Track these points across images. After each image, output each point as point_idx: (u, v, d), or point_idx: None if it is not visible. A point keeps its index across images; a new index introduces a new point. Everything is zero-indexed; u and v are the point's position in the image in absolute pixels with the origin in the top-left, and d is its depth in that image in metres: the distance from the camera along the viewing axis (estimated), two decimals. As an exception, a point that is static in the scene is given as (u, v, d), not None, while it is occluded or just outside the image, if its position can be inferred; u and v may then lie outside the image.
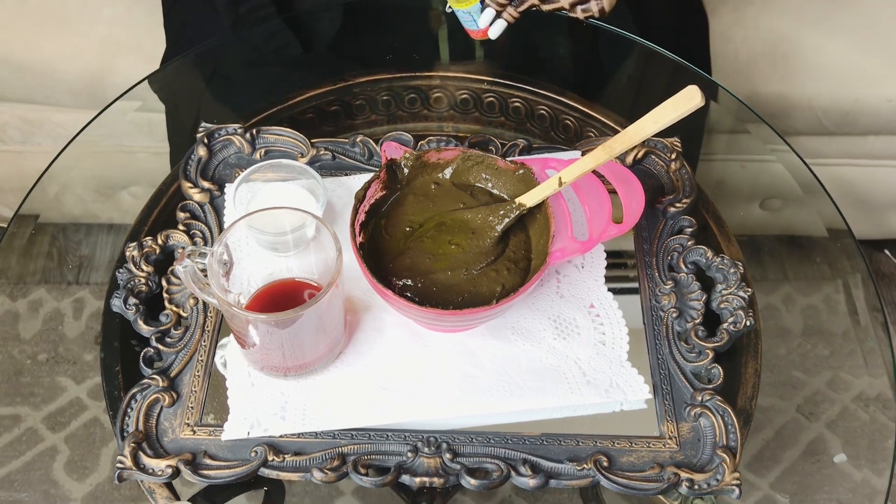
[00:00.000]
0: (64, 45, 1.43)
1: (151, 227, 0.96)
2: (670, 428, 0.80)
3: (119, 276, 0.88)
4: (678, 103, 0.74)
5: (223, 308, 0.74)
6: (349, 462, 0.77)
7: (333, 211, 0.94)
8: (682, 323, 0.87)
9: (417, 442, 0.78)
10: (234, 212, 0.90)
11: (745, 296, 0.87)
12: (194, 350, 0.84)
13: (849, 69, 1.42)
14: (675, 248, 0.92)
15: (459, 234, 0.83)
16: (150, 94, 1.17)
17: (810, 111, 1.43)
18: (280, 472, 0.77)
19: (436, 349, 0.84)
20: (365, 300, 0.86)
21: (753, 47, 1.44)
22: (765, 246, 1.06)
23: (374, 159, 0.99)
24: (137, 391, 0.80)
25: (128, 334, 0.87)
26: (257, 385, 0.81)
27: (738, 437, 0.78)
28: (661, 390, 0.83)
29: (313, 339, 0.78)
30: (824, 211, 1.02)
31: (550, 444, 0.79)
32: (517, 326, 0.85)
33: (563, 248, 0.79)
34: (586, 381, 0.82)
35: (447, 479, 0.77)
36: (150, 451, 0.77)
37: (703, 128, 1.17)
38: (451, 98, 1.12)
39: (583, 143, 1.01)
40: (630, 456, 0.79)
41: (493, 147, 0.99)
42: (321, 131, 1.02)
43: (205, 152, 0.97)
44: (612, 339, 0.85)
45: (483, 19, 0.98)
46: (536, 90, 1.11)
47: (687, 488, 0.76)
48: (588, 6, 0.96)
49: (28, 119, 1.53)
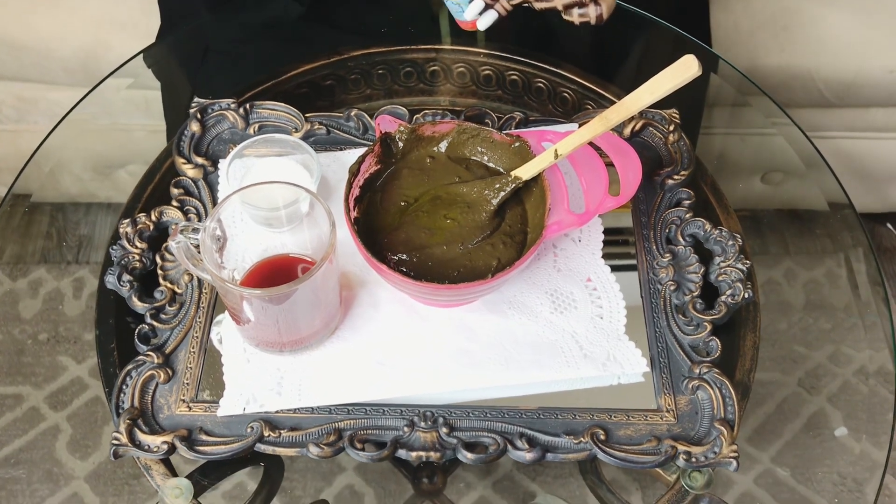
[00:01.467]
0: (58, 23, 1.42)
1: (146, 203, 0.95)
2: (668, 401, 0.80)
3: (113, 252, 0.87)
4: (675, 73, 0.73)
5: (217, 284, 0.73)
6: (345, 437, 0.76)
7: (328, 186, 0.93)
8: (680, 296, 0.86)
9: (414, 416, 0.78)
10: (227, 187, 0.89)
11: (744, 268, 0.86)
12: (189, 326, 0.84)
13: (851, 40, 1.41)
14: (673, 221, 0.91)
15: (455, 208, 0.83)
16: (144, 70, 1.17)
17: (811, 83, 1.42)
18: (276, 448, 0.76)
19: (432, 324, 0.83)
20: (360, 275, 0.86)
21: (754, 18, 1.42)
22: (766, 220, 1.06)
23: (369, 134, 0.98)
24: (132, 368, 0.80)
25: (123, 311, 0.86)
26: (253, 361, 0.81)
27: (735, 410, 0.78)
28: (658, 363, 0.82)
29: (308, 314, 0.78)
30: (825, 184, 1.02)
31: (547, 417, 0.79)
32: (514, 301, 0.85)
33: (559, 221, 0.79)
34: (583, 354, 0.81)
35: (444, 454, 0.76)
36: (145, 428, 0.77)
37: (702, 101, 1.16)
38: (447, 71, 1.11)
39: (580, 115, 1.00)
40: (627, 429, 0.78)
41: (489, 120, 0.98)
42: (315, 106, 1.01)
43: (198, 128, 0.97)
44: (610, 313, 0.84)
45: (470, 10, 0.94)
46: (534, 63, 1.10)
47: (684, 461, 0.76)
48: (585, 11, 0.92)
49: (23, 97, 1.52)
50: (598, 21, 0.92)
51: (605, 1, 0.92)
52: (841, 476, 0.86)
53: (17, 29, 1.41)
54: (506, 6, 0.92)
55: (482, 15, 0.94)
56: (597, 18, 0.92)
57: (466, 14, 0.94)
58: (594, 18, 0.92)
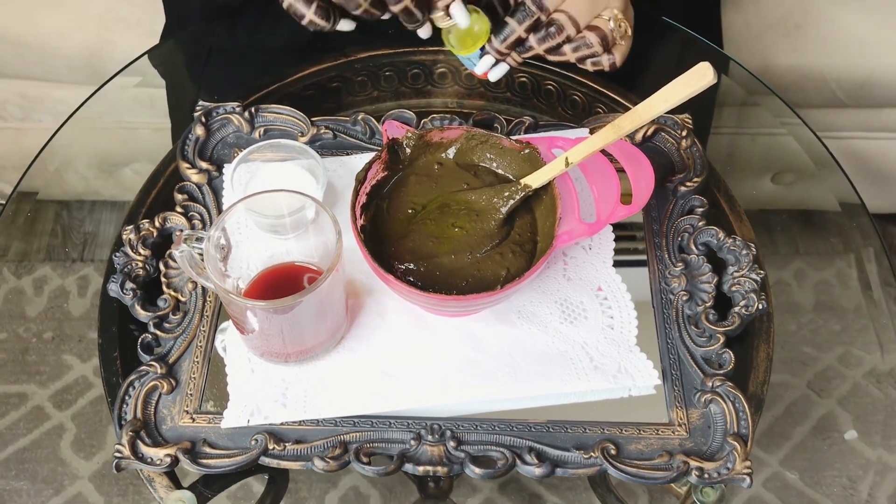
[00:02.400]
0: (62, 20, 1.41)
1: (149, 208, 0.94)
2: (680, 415, 0.79)
3: (116, 259, 0.86)
4: (689, 81, 0.72)
5: (220, 294, 0.72)
6: (351, 451, 0.75)
7: (335, 191, 0.92)
8: (693, 306, 0.85)
9: (421, 429, 0.77)
10: (232, 193, 0.88)
11: (758, 278, 0.85)
12: (193, 336, 0.82)
13: (864, 40, 1.39)
14: (686, 229, 0.89)
15: (463, 217, 0.81)
16: (150, 69, 1.16)
17: (824, 83, 1.41)
18: (281, 461, 0.75)
19: (440, 334, 0.82)
20: (367, 284, 0.84)
21: (766, 17, 1.41)
22: (776, 221, 1.04)
23: (376, 138, 0.97)
24: (135, 378, 0.79)
25: (126, 319, 0.85)
26: (257, 371, 0.80)
27: (749, 425, 0.77)
28: (670, 376, 0.81)
29: (314, 324, 0.77)
30: (837, 185, 1.01)
31: (557, 431, 0.77)
32: (523, 310, 0.83)
33: (569, 230, 0.77)
34: (594, 366, 0.80)
35: (451, 468, 0.75)
36: (148, 440, 0.76)
37: (713, 102, 1.15)
38: (455, 73, 1.09)
39: (591, 119, 0.99)
40: (638, 443, 0.77)
41: (497, 125, 0.97)
42: (322, 108, 1.00)
43: (202, 131, 0.95)
44: (621, 323, 0.83)
45: (481, 65, 0.93)
46: (543, 65, 1.09)
47: (697, 477, 0.74)
48: (598, 60, 0.91)
49: (28, 95, 1.52)
50: (611, 68, 0.92)
51: (619, 49, 0.92)
52: (851, 480, 0.85)
53: (21, 27, 1.41)
54: (517, 59, 0.91)
55: (493, 68, 0.93)
56: (610, 66, 0.92)
57: (478, 68, 0.93)
58: (608, 66, 0.92)
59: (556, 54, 0.91)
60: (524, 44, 0.90)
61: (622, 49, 0.92)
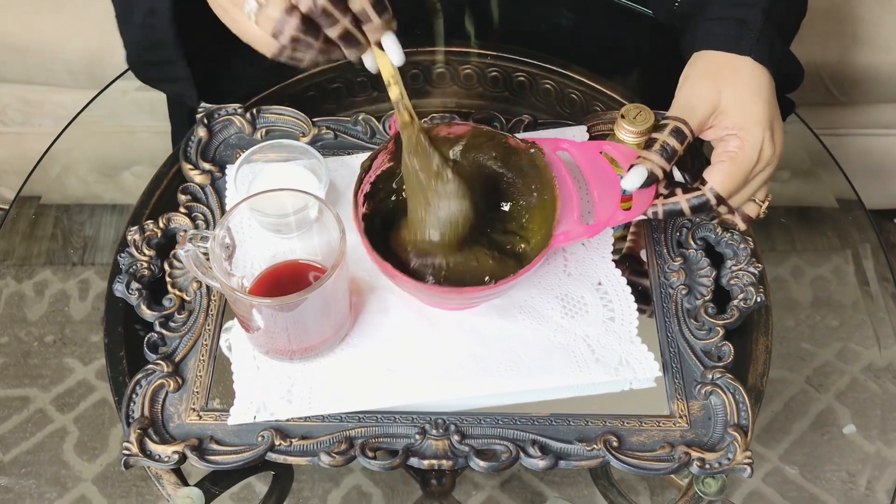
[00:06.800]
0: (62, 25, 1.42)
1: (153, 209, 0.94)
2: (680, 407, 0.79)
3: (121, 260, 0.87)
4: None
5: (226, 293, 0.73)
6: (357, 445, 0.76)
7: (337, 191, 0.93)
8: (692, 300, 0.85)
9: (425, 424, 0.78)
10: (235, 193, 0.89)
11: (756, 271, 0.86)
12: (198, 334, 0.83)
13: (858, 36, 1.40)
14: (684, 224, 0.90)
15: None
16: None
17: (818, 80, 1.41)
18: (287, 457, 0.76)
19: (442, 329, 0.83)
20: (370, 281, 0.85)
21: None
22: (773, 217, 1.05)
23: (377, 138, 0.97)
24: (142, 377, 0.80)
25: (131, 318, 0.86)
26: (263, 369, 0.81)
27: (749, 415, 0.78)
28: (670, 368, 0.82)
29: (318, 321, 0.77)
30: (833, 181, 1.01)
31: (559, 424, 0.78)
32: (524, 305, 0.84)
33: (567, 231, 0.77)
34: (595, 358, 0.81)
35: (456, 462, 0.76)
36: (156, 438, 0.77)
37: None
38: (454, 73, 1.10)
39: (589, 117, 1.00)
40: (640, 435, 0.78)
41: (497, 123, 0.98)
42: (322, 109, 1.01)
43: (205, 133, 0.96)
44: (621, 316, 0.84)
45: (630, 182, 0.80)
46: (541, 64, 1.09)
47: (698, 468, 0.75)
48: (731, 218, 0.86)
49: (28, 100, 1.52)
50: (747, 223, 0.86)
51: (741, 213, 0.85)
52: (850, 474, 0.86)
53: (21, 32, 1.41)
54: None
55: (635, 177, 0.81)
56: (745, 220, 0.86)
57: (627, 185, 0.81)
58: (743, 225, 0.86)
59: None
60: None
61: (746, 214, 0.86)
